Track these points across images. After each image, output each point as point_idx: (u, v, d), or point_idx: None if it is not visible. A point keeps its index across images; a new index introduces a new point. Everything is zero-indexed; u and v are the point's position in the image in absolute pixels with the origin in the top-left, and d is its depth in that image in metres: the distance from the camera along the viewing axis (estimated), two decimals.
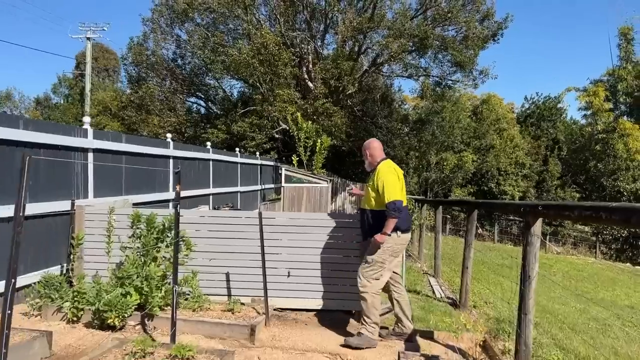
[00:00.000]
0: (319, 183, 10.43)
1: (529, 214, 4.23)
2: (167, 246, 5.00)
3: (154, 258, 4.92)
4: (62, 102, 44.73)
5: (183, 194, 9.17)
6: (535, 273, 4.35)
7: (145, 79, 21.70)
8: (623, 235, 25.55)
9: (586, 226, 24.60)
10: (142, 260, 4.84)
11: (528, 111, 38.16)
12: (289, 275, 5.46)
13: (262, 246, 5.07)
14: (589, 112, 27.35)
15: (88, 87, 31.51)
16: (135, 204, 7.17)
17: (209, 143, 11.43)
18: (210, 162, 10.84)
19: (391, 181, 4.54)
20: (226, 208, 8.23)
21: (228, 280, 5.48)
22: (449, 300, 7.39)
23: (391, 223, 4.47)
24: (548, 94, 37.73)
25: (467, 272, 6.92)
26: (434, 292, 8.08)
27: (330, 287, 5.43)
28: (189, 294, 5.21)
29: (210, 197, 10.83)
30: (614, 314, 8.67)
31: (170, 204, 8.63)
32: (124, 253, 4.99)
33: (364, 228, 4.87)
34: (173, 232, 5.09)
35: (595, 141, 27.17)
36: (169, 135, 8.88)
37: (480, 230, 24.60)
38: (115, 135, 7.18)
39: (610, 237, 26.38)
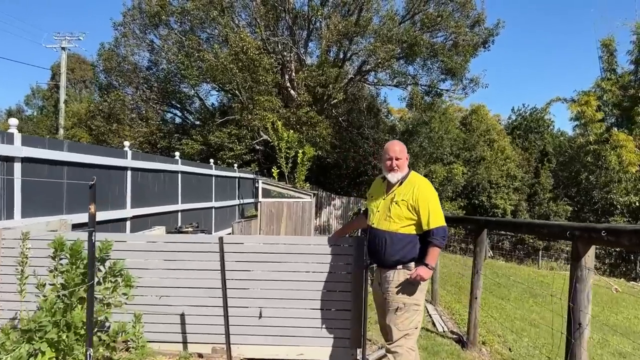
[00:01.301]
0: (301, 197, 9.30)
1: (579, 239, 3.14)
2: (98, 283, 3.82)
3: (81, 299, 3.72)
4: (35, 114, 43.08)
5: (144, 211, 7.99)
6: (588, 319, 3.27)
7: (115, 86, 20.40)
8: (617, 250, 24.77)
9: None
10: (64, 302, 3.64)
11: (515, 123, 37.61)
12: (261, 316, 4.30)
13: (223, 279, 3.96)
14: (580, 123, 26.69)
15: (62, 98, 30.12)
16: (79, 225, 5.96)
17: (177, 153, 10.24)
18: (179, 175, 9.65)
19: (439, 202, 3.56)
20: (189, 229, 7.05)
21: (183, 324, 4.30)
22: (454, 336, 6.28)
23: (436, 253, 3.49)
24: (534, 105, 37.20)
25: (476, 303, 5.83)
26: (434, 323, 6.97)
27: (315, 330, 4.28)
28: (131, 343, 4.02)
29: (179, 214, 9.62)
30: (638, 345, 7.64)
31: (128, 224, 7.42)
32: (42, 293, 3.79)
33: (377, 254, 3.68)
34: (108, 263, 3.95)
35: (585, 152, 26.50)
36: (126, 143, 7.71)
37: (470, 245, 23.59)
38: (54, 142, 5.98)
39: (604, 252, 25.59)
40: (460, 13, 18.33)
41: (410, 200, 3.51)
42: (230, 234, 10.69)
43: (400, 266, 3.57)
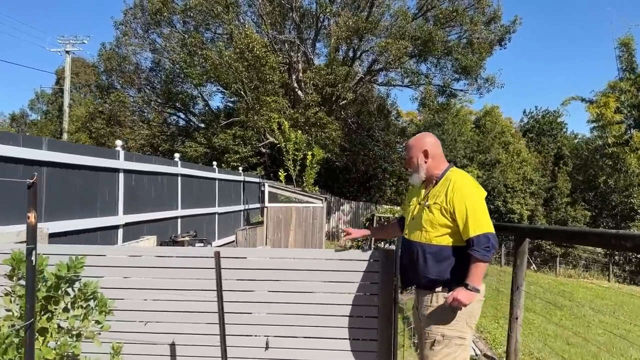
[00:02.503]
0: (311, 202, 8.52)
1: None
2: (65, 310, 3.07)
3: (42, 330, 2.96)
4: (39, 118, 42.73)
5: (139, 217, 7.24)
6: None
7: (116, 87, 19.76)
8: (637, 256, 23.87)
9: (598, 247, 22.82)
10: (20, 335, 2.89)
11: (527, 126, 36.75)
12: (267, 347, 3.52)
13: (220, 302, 3.22)
14: (599, 125, 25.79)
15: (67, 102, 29.67)
16: (60, 234, 5.23)
17: (177, 154, 9.52)
18: (179, 178, 8.91)
19: (482, 203, 2.78)
20: (185, 238, 6.29)
21: (173, 356, 3.54)
22: None
23: (481, 270, 2.63)
24: (547, 107, 36.30)
25: (516, 325, 5.00)
26: None
27: None
28: None
29: (179, 220, 8.88)
30: None
31: (120, 232, 6.68)
32: None
33: (410, 271, 2.94)
34: (78, 284, 3.19)
35: (602, 155, 25.60)
36: (118, 142, 6.98)
37: None
38: (30, 139, 5.25)
39: (623, 259, 24.66)
40: (476, 9, 17.60)
41: (444, 203, 2.75)
42: (233, 242, 9.95)
43: (440, 288, 2.79)
